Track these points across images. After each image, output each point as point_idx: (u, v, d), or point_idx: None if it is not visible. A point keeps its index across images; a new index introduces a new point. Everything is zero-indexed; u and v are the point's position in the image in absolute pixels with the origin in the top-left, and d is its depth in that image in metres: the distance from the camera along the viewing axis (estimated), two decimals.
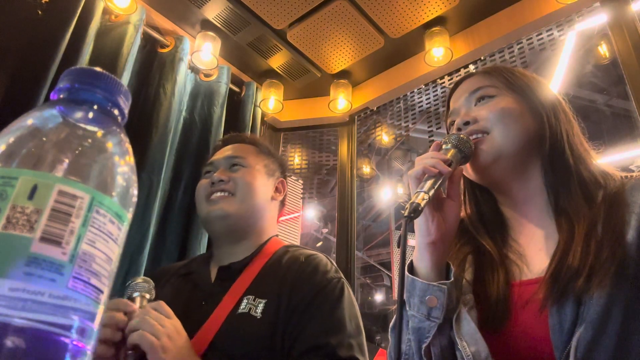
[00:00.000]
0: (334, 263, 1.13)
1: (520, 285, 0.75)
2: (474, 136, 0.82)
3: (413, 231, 0.74)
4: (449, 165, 0.73)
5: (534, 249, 0.78)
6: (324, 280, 1.04)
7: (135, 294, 0.92)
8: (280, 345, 0.96)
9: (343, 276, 1.10)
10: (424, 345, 0.72)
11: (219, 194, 1.16)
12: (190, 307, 1.03)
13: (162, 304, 0.90)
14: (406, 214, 0.66)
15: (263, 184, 1.22)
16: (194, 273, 1.16)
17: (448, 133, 0.91)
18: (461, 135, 0.78)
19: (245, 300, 1.01)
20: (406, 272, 0.76)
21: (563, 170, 0.78)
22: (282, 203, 1.32)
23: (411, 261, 0.77)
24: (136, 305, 0.89)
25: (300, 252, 1.14)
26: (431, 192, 0.69)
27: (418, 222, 0.74)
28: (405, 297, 0.76)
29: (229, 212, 1.14)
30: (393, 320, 0.82)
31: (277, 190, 1.28)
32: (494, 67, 0.91)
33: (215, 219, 1.15)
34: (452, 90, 0.93)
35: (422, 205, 0.66)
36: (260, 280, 1.07)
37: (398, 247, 0.74)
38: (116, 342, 0.83)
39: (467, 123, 0.83)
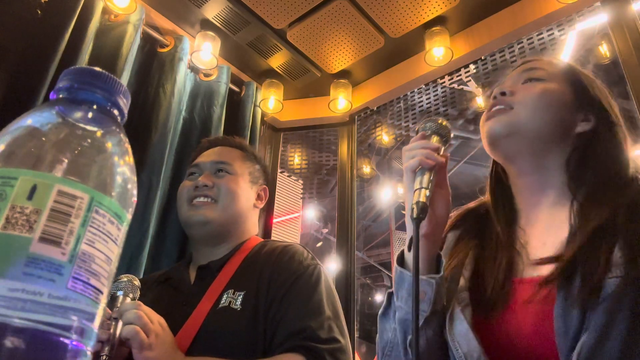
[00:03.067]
0: (310, 252, 1.15)
1: (522, 282, 0.74)
2: (498, 107, 0.81)
3: (416, 231, 0.73)
4: (438, 153, 0.72)
5: (540, 242, 0.77)
6: (301, 268, 1.06)
7: (119, 293, 0.91)
8: (262, 334, 0.97)
9: (320, 263, 1.12)
10: (409, 337, 0.72)
11: (201, 199, 1.16)
12: (171, 310, 1.03)
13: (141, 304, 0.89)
14: (415, 215, 0.64)
15: (246, 192, 1.23)
16: (173, 278, 1.16)
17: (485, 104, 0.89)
18: (439, 121, 0.76)
19: (225, 295, 1.02)
20: (395, 264, 0.76)
21: (592, 167, 0.76)
22: (262, 209, 1.33)
23: (402, 252, 0.76)
24: (117, 304, 0.89)
25: (276, 244, 1.16)
26: (430, 186, 0.68)
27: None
28: (393, 288, 0.76)
29: (210, 218, 1.14)
30: (381, 309, 0.81)
31: (259, 197, 1.29)
32: (567, 63, 0.88)
33: (195, 224, 1.15)
34: (514, 69, 0.92)
35: (427, 202, 0.66)
36: (239, 274, 1.08)
37: (409, 250, 0.73)
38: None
39: (503, 93, 0.82)
